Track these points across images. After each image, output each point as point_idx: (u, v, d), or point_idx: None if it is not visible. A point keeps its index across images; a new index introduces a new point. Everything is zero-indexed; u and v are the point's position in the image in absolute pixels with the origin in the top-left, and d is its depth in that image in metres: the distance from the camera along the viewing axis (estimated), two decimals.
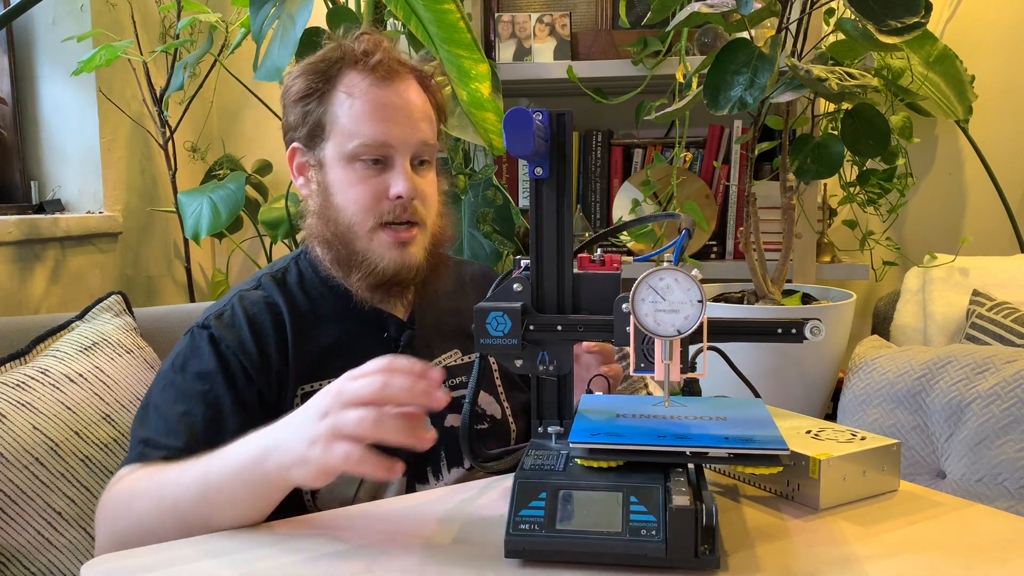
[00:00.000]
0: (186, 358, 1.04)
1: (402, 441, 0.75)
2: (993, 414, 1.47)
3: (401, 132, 1.06)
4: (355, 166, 1.06)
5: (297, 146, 1.11)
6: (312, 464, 0.76)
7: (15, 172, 1.94)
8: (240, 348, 1.03)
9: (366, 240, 1.07)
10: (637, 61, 1.95)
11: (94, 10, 1.92)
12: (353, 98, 1.06)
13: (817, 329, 0.77)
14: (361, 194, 1.06)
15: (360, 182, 1.07)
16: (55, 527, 1.10)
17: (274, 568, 0.72)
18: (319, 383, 1.06)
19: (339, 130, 1.07)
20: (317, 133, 1.08)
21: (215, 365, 1.02)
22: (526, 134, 0.74)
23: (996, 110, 2.16)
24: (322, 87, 1.08)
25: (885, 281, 2.20)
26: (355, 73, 1.07)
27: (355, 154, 1.06)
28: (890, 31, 1.38)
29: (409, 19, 1.49)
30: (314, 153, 1.10)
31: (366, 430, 0.75)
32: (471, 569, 0.71)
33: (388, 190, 1.06)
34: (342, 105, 1.07)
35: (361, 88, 1.06)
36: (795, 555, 0.73)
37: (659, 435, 0.75)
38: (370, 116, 1.06)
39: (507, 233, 1.87)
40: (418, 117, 1.09)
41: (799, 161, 1.65)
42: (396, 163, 1.07)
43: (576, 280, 0.83)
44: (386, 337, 1.11)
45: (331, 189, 1.08)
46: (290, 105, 1.10)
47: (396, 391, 0.76)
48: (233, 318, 1.06)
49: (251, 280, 1.13)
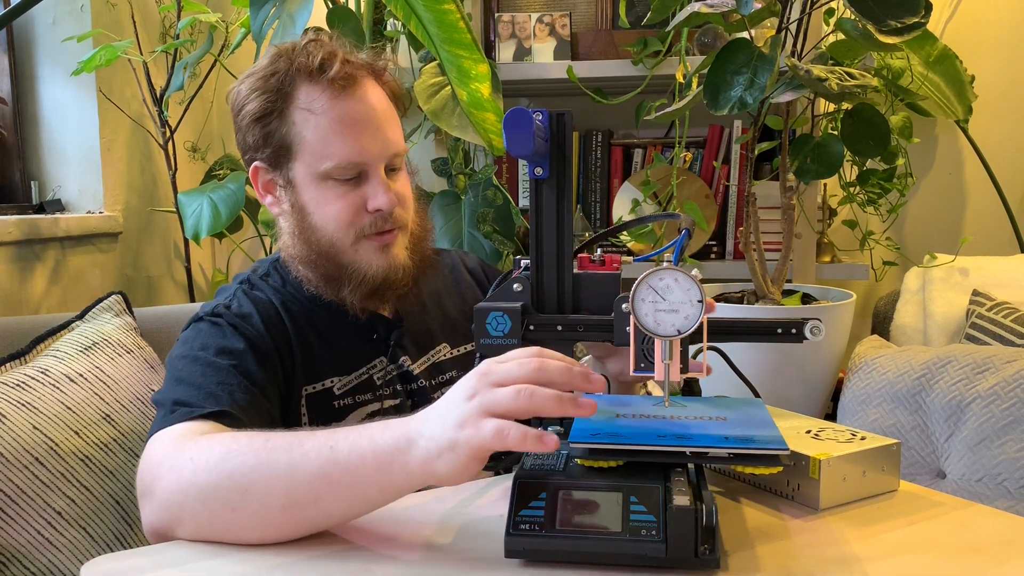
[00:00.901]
0: (207, 338, 1.00)
1: (563, 412, 0.70)
2: (993, 414, 1.47)
3: (373, 146, 1.04)
4: (328, 183, 1.04)
5: (260, 165, 1.07)
6: (462, 447, 0.70)
7: (15, 172, 1.94)
8: (258, 336, 1.01)
9: (351, 253, 1.05)
10: (637, 61, 1.95)
11: (94, 10, 1.92)
12: (316, 115, 1.02)
13: (817, 329, 0.77)
14: (339, 211, 1.04)
15: (336, 199, 1.04)
16: (55, 527, 1.10)
17: (274, 568, 0.72)
18: (321, 384, 1.06)
19: (307, 149, 1.03)
20: (283, 153, 1.05)
21: (244, 344, 0.99)
22: (526, 134, 0.74)
23: (996, 110, 2.16)
24: (279, 105, 1.04)
25: (885, 281, 2.20)
26: (311, 86, 1.03)
27: (328, 174, 1.03)
28: (890, 31, 1.38)
29: (409, 19, 1.49)
30: (281, 173, 1.06)
31: (521, 404, 0.69)
32: (471, 569, 0.71)
33: (366, 203, 1.04)
34: (306, 123, 1.03)
35: (322, 103, 1.02)
36: (795, 555, 0.73)
37: (659, 435, 0.75)
38: (339, 134, 1.02)
39: (507, 233, 1.87)
40: (385, 125, 1.06)
41: (799, 161, 1.65)
42: (371, 176, 1.04)
43: (576, 280, 0.83)
44: (376, 338, 1.11)
45: (306, 209, 1.05)
46: (247, 126, 1.06)
47: (554, 372, 0.71)
48: (242, 309, 1.04)
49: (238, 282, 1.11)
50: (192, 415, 0.88)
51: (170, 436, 0.86)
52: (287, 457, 0.76)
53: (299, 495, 0.75)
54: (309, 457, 0.75)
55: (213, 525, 0.77)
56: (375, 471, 0.74)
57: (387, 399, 1.09)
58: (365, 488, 0.74)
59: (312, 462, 0.75)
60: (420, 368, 1.13)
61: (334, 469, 0.74)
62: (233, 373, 0.95)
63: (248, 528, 0.77)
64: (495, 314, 0.81)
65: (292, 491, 0.75)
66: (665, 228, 1.99)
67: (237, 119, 1.08)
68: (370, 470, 0.74)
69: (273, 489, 0.75)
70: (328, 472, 0.74)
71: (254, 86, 1.05)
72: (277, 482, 0.75)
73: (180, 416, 0.88)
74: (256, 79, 1.05)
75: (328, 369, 1.07)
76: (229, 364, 0.96)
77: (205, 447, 0.80)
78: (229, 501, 0.76)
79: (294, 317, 1.07)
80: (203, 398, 0.91)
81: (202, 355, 0.97)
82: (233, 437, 0.81)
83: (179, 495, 0.79)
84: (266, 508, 0.75)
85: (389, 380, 1.10)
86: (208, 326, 1.02)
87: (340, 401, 1.06)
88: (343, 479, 0.74)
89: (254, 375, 0.97)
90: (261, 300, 1.07)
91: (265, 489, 0.76)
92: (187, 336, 1.03)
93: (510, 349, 0.80)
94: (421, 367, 1.13)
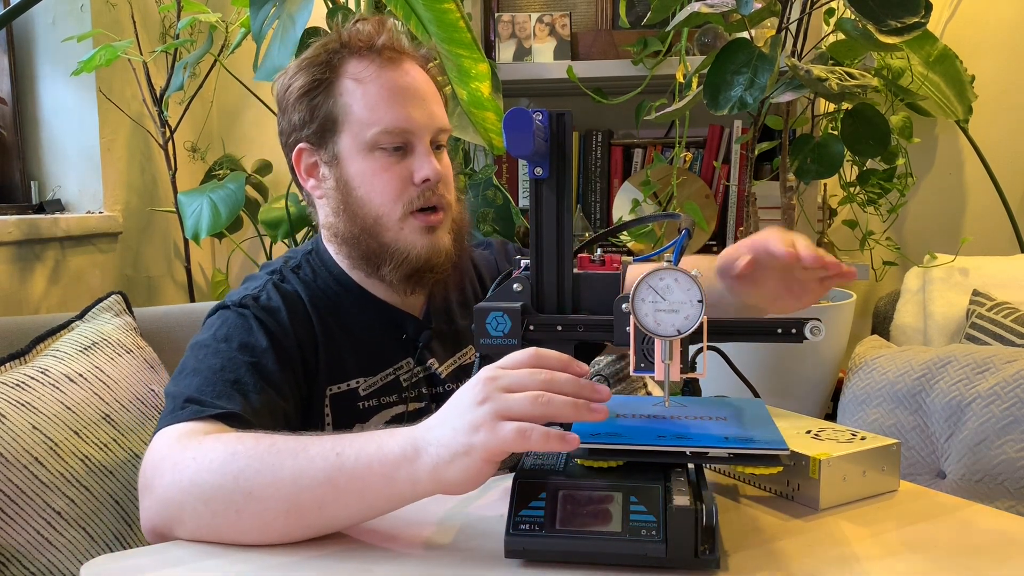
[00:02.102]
0: (231, 329, 0.98)
1: (577, 417, 0.71)
2: (993, 414, 1.47)
3: (420, 115, 1.03)
4: (375, 155, 1.03)
5: (304, 146, 1.06)
6: (477, 451, 0.69)
7: (15, 172, 1.94)
8: (283, 333, 1.00)
9: (396, 230, 1.03)
10: (637, 61, 1.95)
11: (94, 10, 1.92)
12: (364, 84, 1.02)
13: (817, 329, 0.77)
14: (386, 183, 1.02)
15: (383, 170, 1.02)
16: (55, 527, 1.10)
17: (274, 568, 0.72)
18: (346, 384, 1.04)
19: (354, 119, 1.03)
20: (328, 127, 1.04)
21: (266, 342, 0.97)
22: (526, 134, 0.74)
23: (996, 110, 2.16)
24: (328, 77, 1.03)
25: (885, 281, 2.20)
26: (359, 59, 1.04)
27: (375, 142, 1.02)
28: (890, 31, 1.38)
29: (409, 19, 1.49)
30: (326, 150, 1.05)
31: (539, 410, 0.69)
32: (471, 569, 0.71)
33: (413, 175, 1.03)
34: (353, 93, 1.03)
35: (370, 73, 1.03)
36: (795, 555, 0.73)
37: (659, 435, 0.75)
38: (387, 101, 1.02)
39: (507, 233, 1.87)
40: (431, 100, 1.06)
41: (799, 161, 1.65)
42: (417, 148, 1.04)
43: (576, 280, 0.83)
44: (404, 338, 1.09)
45: (352, 183, 1.04)
46: (293, 104, 1.05)
47: (564, 384, 0.71)
48: (270, 303, 1.02)
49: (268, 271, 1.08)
50: (201, 414, 0.87)
51: (176, 433, 0.84)
52: (292, 462, 0.76)
53: (303, 500, 0.75)
54: (315, 463, 0.75)
55: (214, 526, 0.77)
56: (381, 479, 0.73)
57: (412, 401, 1.07)
58: (370, 496, 0.74)
59: (318, 468, 0.75)
60: (447, 371, 1.11)
61: (340, 476, 0.74)
62: (251, 372, 0.94)
63: (250, 530, 0.76)
64: (495, 314, 0.81)
65: (296, 496, 0.75)
66: (665, 228, 1.99)
67: (281, 101, 1.07)
68: (376, 478, 0.73)
69: (277, 493, 0.75)
70: (334, 479, 0.74)
71: (301, 65, 1.06)
72: (282, 486, 0.75)
73: (189, 414, 0.87)
74: (304, 60, 1.06)
75: (354, 369, 1.05)
76: (249, 361, 0.94)
77: (209, 447, 0.80)
78: (233, 503, 0.76)
79: (321, 315, 1.05)
80: (216, 396, 0.89)
81: (223, 347, 0.95)
82: (238, 438, 0.80)
83: (180, 494, 0.78)
84: (269, 511, 0.75)
85: (415, 382, 1.08)
86: (234, 316, 1.00)
87: (365, 402, 1.05)
88: (349, 486, 0.74)
89: (272, 374, 0.96)
90: (290, 294, 1.04)
91: (269, 493, 0.75)
92: (212, 323, 1.01)
93: (510, 349, 0.79)
94: (448, 369, 1.12)
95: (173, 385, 0.93)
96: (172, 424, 0.86)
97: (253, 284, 1.06)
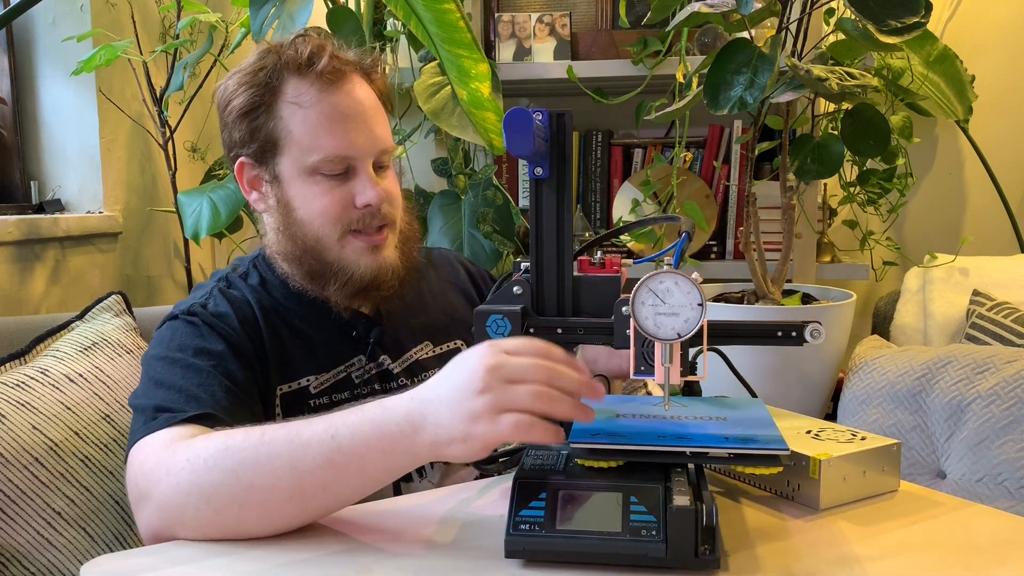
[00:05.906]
0: (184, 338, 0.98)
1: (573, 416, 0.73)
2: (993, 414, 1.47)
3: (362, 140, 1.03)
4: (316, 179, 1.03)
5: (246, 161, 1.06)
6: (476, 440, 0.72)
7: (15, 172, 1.94)
8: (236, 336, 1.01)
9: (337, 250, 1.04)
10: (637, 61, 1.95)
11: (94, 10, 1.92)
12: (304, 109, 1.02)
13: (817, 332, 0.77)
14: (326, 206, 1.03)
15: (323, 194, 1.03)
16: (55, 527, 1.10)
17: (274, 568, 0.72)
18: (296, 383, 1.05)
19: (294, 143, 1.02)
20: (268, 149, 1.04)
21: (223, 346, 0.98)
22: (526, 134, 0.74)
23: (996, 110, 2.16)
24: (267, 99, 1.03)
25: (885, 281, 2.20)
26: (299, 80, 1.03)
27: (316, 168, 1.02)
28: (890, 31, 1.38)
29: (409, 19, 1.49)
30: (267, 168, 1.05)
31: (540, 407, 0.71)
32: (471, 569, 0.71)
33: (354, 199, 1.03)
34: (293, 117, 1.02)
35: (311, 97, 1.02)
36: (795, 555, 0.73)
37: (659, 435, 0.75)
38: (327, 128, 1.02)
39: (507, 233, 1.87)
40: (374, 120, 1.05)
41: (799, 161, 1.65)
42: (359, 171, 1.04)
43: (576, 283, 0.83)
44: (355, 335, 1.10)
45: (292, 204, 1.04)
46: (233, 121, 1.05)
47: (567, 381, 0.73)
48: (218, 308, 1.03)
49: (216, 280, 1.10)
50: (175, 420, 0.87)
51: (158, 441, 0.85)
52: (288, 449, 0.77)
53: (306, 485, 0.76)
54: (311, 447, 0.76)
55: (218, 522, 0.78)
56: (380, 454, 0.75)
57: (365, 397, 1.07)
58: (371, 470, 0.76)
59: (315, 452, 0.76)
60: (400, 367, 1.12)
61: (339, 456, 0.76)
62: (214, 374, 0.94)
63: (255, 521, 0.77)
64: (495, 317, 0.81)
65: (298, 482, 0.76)
66: (665, 229, 1.99)
67: (223, 115, 1.06)
68: (375, 454, 0.75)
69: (279, 482, 0.76)
70: (333, 460, 0.76)
71: (241, 81, 1.04)
72: (282, 475, 0.76)
73: (163, 422, 0.87)
74: (243, 75, 1.05)
75: (303, 368, 1.05)
76: (209, 365, 0.95)
77: (200, 447, 0.80)
78: (235, 498, 0.77)
79: (269, 317, 1.05)
80: (184, 401, 0.90)
81: (180, 356, 0.96)
82: (227, 435, 0.81)
83: (180, 496, 0.79)
84: (272, 501, 0.76)
85: (368, 379, 1.09)
86: (184, 325, 1.00)
87: (316, 400, 1.05)
88: (349, 465, 0.76)
89: (235, 374, 0.96)
90: (237, 299, 1.05)
91: (270, 483, 0.76)
92: (162, 336, 1.01)
93: None
94: (401, 366, 1.12)
95: (137, 399, 0.94)
96: (148, 435, 0.87)
97: (200, 292, 1.07)
